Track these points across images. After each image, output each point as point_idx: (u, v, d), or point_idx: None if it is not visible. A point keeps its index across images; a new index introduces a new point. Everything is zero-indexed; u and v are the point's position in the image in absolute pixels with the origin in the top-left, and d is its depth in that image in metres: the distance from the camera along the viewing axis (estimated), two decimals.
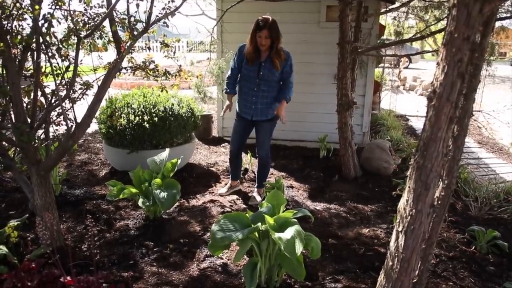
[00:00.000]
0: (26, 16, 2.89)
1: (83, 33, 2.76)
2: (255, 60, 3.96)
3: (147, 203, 3.56)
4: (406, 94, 10.85)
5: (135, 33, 3.05)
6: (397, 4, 5.79)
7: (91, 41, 3.06)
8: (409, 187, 2.05)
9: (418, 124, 8.38)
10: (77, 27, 2.67)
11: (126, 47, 2.97)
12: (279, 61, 3.91)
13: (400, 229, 2.11)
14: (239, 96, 4.23)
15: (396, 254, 2.15)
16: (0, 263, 2.92)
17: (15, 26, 2.89)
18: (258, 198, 4.37)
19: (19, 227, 3.38)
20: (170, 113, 4.82)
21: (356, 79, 5.19)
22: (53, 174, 4.23)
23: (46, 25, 2.51)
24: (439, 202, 2.28)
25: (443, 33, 2.16)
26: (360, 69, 5.91)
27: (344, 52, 4.67)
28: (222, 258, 3.22)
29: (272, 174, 5.21)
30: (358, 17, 5.06)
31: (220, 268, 3.09)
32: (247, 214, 2.81)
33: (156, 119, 4.68)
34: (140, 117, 4.67)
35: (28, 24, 2.93)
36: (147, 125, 4.63)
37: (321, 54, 6.09)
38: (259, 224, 2.61)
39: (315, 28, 6.03)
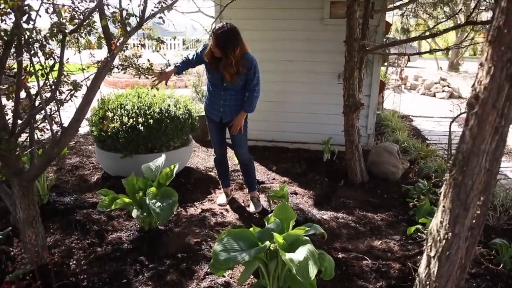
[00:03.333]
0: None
1: (69, 29, 2.45)
2: (214, 67, 3.64)
3: (142, 215, 3.27)
4: (407, 94, 10.62)
5: (128, 29, 2.75)
6: (405, 0, 5.52)
7: (80, 37, 2.75)
8: (444, 206, 1.78)
9: (423, 125, 8.12)
10: (61, 21, 2.36)
11: (118, 44, 2.68)
12: (232, 73, 3.55)
13: (432, 254, 1.84)
14: (207, 98, 3.94)
15: (428, 283, 1.88)
16: None
17: None
18: (252, 209, 4.09)
19: (1, 241, 3.10)
20: (166, 114, 4.52)
21: (363, 78, 4.91)
22: (40, 180, 3.94)
23: (24, 18, 2.20)
24: (474, 221, 2.01)
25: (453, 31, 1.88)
26: (366, 68, 5.63)
27: (351, 50, 4.38)
28: (224, 276, 2.93)
29: (274, 179, 4.93)
30: (366, 13, 4.78)
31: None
32: (252, 230, 2.53)
33: (151, 121, 4.38)
34: (134, 119, 4.37)
35: (10, 19, 2.63)
36: (142, 128, 4.34)
37: (324, 52, 5.81)
38: (267, 243, 2.33)
39: (318, 25, 5.75)
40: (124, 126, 4.33)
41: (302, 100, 6.06)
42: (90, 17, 2.82)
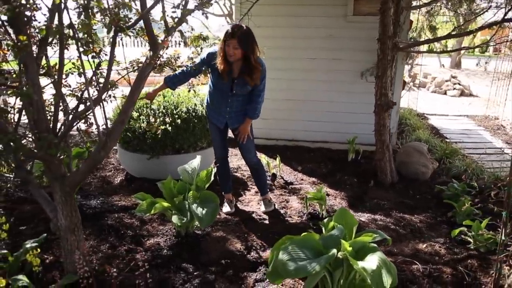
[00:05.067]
0: (41, 5, 2.45)
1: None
2: (227, 75, 3.43)
3: (184, 220, 3.13)
4: (417, 91, 10.54)
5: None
6: None
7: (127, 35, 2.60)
8: None
9: (439, 123, 8.02)
10: (120, 17, 2.22)
11: (166, 40, 2.54)
12: (254, 77, 3.39)
13: None
14: (210, 103, 3.73)
15: None
16: None
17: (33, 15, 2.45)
18: (263, 208, 3.97)
19: (36, 248, 2.94)
20: (194, 114, 4.38)
21: (393, 77, 4.80)
22: None
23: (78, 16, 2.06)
24: None
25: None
26: None
27: (385, 48, 4.27)
28: (273, 283, 2.81)
29: (302, 180, 4.81)
30: (397, 10, 4.67)
31: None
32: (314, 236, 2.41)
33: (179, 121, 4.24)
34: (161, 118, 4.23)
35: (44, 14, 2.48)
36: (169, 128, 4.19)
37: (347, 50, 5.68)
38: (334, 251, 2.20)
39: (341, 22, 5.61)
40: (147, 127, 4.17)
41: (324, 99, 5.93)
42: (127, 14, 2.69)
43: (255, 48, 3.30)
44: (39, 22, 2.44)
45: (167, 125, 4.20)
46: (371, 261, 2.12)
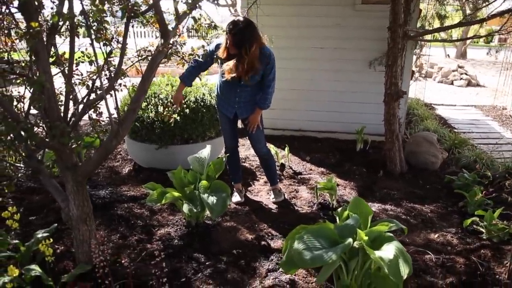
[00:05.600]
0: None
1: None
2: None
3: (194, 210, 3.11)
4: (424, 81, 10.45)
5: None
6: None
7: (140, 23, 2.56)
8: None
9: (447, 113, 7.96)
10: (135, 2, 2.18)
11: (178, 28, 2.50)
12: (244, 71, 3.34)
13: None
14: (220, 93, 3.70)
15: None
16: (33, 286, 2.48)
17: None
18: (273, 198, 3.96)
19: (48, 238, 2.94)
20: (202, 104, 4.35)
21: (403, 66, 4.73)
22: None
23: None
24: None
25: None
26: None
27: (395, 36, 4.21)
28: (286, 273, 2.79)
29: (311, 170, 4.78)
30: None
31: (289, 286, 2.66)
32: (328, 225, 2.38)
33: (187, 110, 4.21)
34: (169, 108, 4.19)
35: (53, 1, 2.45)
36: (178, 118, 4.15)
37: (355, 39, 5.62)
38: (350, 240, 2.18)
39: (350, 11, 5.54)
40: (159, 116, 4.15)
41: (331, 89, 5.88)
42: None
43: (252, 42, 3.23)
44: (52, 9, 2.42)
45: (175, 114, 4.16)
46: (388, 251, 2.10)
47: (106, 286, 2.22)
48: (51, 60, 2.62)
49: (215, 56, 3.41)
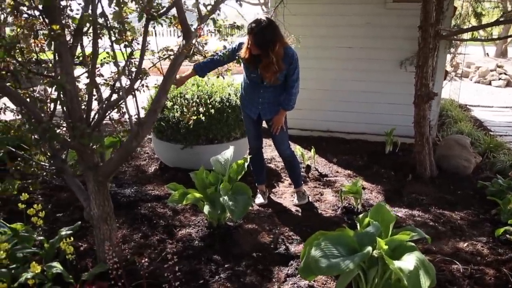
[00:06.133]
0: None
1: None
2: (253, 67, 3.38)
3: (215, 212, 3.10)
4: (460, 82, 10.09)
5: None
6: None
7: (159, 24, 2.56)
8: None
9: (483, 115, 7.65)
10: (152, 4, 2.18)
11: (200, 29, 2.49)
12: (276, 72, 3.29)
13: None
14: (244, 93, 3.67)
15: None
16: (55, 282, 2.53)
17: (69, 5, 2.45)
18: (296, 201, 3.90)
19: (71, 236, 2.99)
20: (227, 104, 4.33)
21: (435, 66, 4.57)
22: None
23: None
24: None
25: None
26: None
27: (426, 36, 4.06)
28: (306, 280, 2.74)
29: (337, 172, 4.69)
30: None
31: None
32: (348, 232, 2.32)
33: (212, 111, 4.21)
34: (195, 108, 4.20)
35: (79, 3, 2.48)
36: (203, 118, 4.16)
37: (386, 38, 5.47)
38: (370, 249, 2.11)
39: (380, 9, 5.40)
40: (183, 117, 4.17)
41: (360, 89, 5.75)
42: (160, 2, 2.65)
43: (276, 41, 3.19)
44: (77, 11, 2.45)
45: (201, 115, 4.17)
46: (408, 261, 2.02)
47: (120, 286, 2.23)
48: (77, 61, 2.68)
49: (237, 57, 3.39)
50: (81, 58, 2.61)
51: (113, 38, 2.31)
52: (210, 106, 4.23)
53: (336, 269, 2.01)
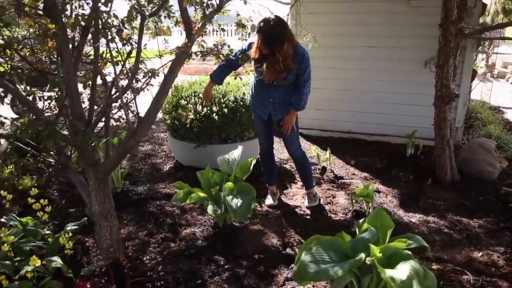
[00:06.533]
0: None
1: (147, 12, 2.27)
2: (262, 65, 3.32)
3: (218, 211, 3.08)
4: (495, 83, 9.67)
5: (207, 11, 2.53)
6: None
7: (159, 22, 2.57)
8: None
9: None
10: (141, 3, 2.18)
11: (197, 28, 2.47)
12: (280, 71, 3.24)
13: None
14: (254, 93, 3.62)
15: None
16: (56, 276, 2.57)
17: (75, 6, 2.48)
18: (307, 203, 3.81)
19: (77, 231, 3.04)
20: (242, 103, 4.31)
21: (457, 66, 4.38)
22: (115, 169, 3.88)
23: (102, 0, 2.04)
24: None
25: None
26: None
27: (447, 34, 3.90)
28: (300, 285, 2.67)
29: (354, 174, 4.58)
30: None
31: None
32: (343, 238, 2.24)
33: (225, 110, 4.19)
34: (209, 107, 4.20)
35: (88, 4, 2.51)
36: (216, 117, 4.15)
37: (409, 37, 5.30)
38: (362, 256, 2.03)
39: (403, 7, 5.23)
40: (198, 115, 4.17)
41: (382, 89, 5.60)
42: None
43: (283, 41, 3.14)
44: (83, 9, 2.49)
45: (214, 114, 4.17)
46: (402, 270, 1.93)
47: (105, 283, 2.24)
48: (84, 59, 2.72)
49: (247, 56, 3.35)
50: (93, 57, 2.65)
51: (109, 37, 2.32)
52: (224, 105, 4.21)
53: (324, 276, 1.95)
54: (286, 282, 2.69)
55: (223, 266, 2.85)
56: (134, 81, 2.63)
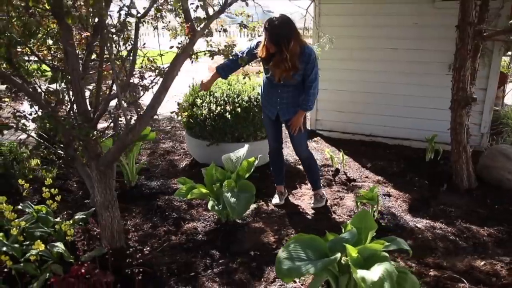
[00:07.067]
0: None
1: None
2: (269, 64, 3.34)
3: (217, 207, 3.16)
4: None
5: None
6: None
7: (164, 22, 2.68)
8: None
9: None
10: (131, 5, 2.29)
11: (187, 27, 2.56)
12: (288, 69, 3.25)
13: None
14: (263, 93, 3.66)
15: None
16: (59, 262, 2.73)
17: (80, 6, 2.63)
18: (313, 204, 3.82)
19: (85, 220, 3.21)
20: (255, 103, 4.37)
21: (477, 69, 4.24)
22: (129, 163, 4.05)
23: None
24: None
25: None
26: (483, 57, 4.89)
27: (464, 36, 3.80)
28: (295, 282, 2.70)
29: (367, 177, 4.54)
30: None
31: None
32: (326, 237, 2.26)
33: (239, 109, 4.27)
34: (222, 107, 4.29)
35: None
36: (229, 116, 4.24)
37: (434, 39, 5.17)
38: (338, 255, 2.04)
39: (428, 8, 5.12)
40: (211, 114, 4.27)
41: (405, 93, 5.49)
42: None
43: (290, 38, 3.17)
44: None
45: (227, 113, 4.25)
46: (375, 272, 1.92)
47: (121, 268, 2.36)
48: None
49: (255, 54, 3.42)
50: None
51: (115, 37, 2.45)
52: (237, 104, 4.29)
53: (295, 273, 1.98)
54: (276, 279, 2.73)
55: (217, 260, 2.93)
56: (136, 79, 2.76)
